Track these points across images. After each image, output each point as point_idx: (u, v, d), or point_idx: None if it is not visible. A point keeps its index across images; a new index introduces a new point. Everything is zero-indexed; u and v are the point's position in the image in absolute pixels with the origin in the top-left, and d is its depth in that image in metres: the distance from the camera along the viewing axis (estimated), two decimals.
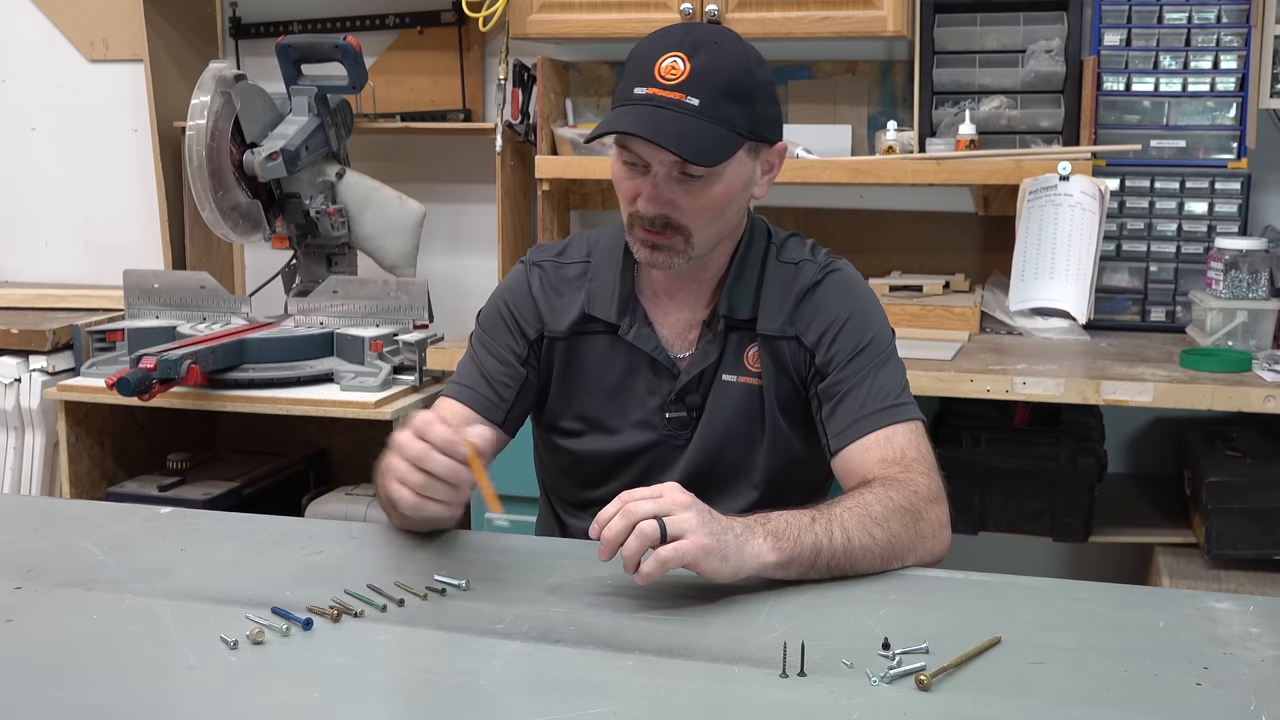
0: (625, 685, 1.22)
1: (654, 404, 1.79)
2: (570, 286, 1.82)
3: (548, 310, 1.82)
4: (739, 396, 1.77)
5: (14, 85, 4.00)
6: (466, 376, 1.83)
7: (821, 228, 3.34)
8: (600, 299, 1.79)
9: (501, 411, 1.81)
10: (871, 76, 3.34)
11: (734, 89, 1.61)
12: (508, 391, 1.81)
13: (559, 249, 1.87)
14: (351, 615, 1.39)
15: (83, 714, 1.17)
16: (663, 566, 1.36)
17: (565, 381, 1.83)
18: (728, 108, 1.60)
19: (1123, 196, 3.08)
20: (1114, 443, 3.05)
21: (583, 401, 1.82)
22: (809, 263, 1.79)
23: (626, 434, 1.81)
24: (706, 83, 1.59)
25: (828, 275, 1.78)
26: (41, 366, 3.25)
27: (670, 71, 1.59)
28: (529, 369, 1.82)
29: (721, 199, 1.65)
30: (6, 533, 1.68)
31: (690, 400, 1.78)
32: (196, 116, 3.13)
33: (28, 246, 4.06)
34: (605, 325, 1.79)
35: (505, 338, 1.82)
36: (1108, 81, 3.07)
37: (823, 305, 1.75)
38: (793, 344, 1.75)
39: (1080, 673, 1.25)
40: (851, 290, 1.78)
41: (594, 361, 1.81)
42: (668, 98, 1.58)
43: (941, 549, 1.58)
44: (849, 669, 1.25)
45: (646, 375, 1.79)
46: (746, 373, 1.77)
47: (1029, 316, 2.98)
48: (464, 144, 3.65)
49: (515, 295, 1.84)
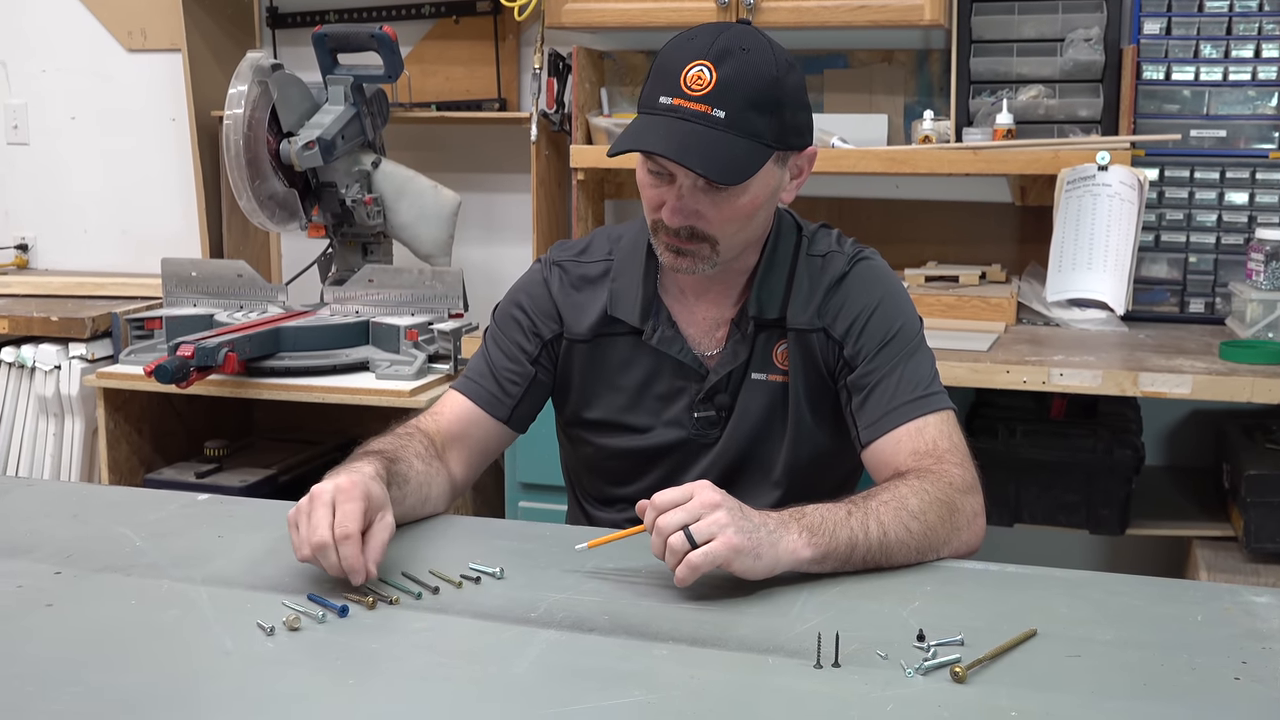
0: (658, 674, 1.22)
1: (682, 403, 1.78)
2: (591, 286, 1.81)
3: (568, 310, 1.81)
4: (766, 394, 1.76)
5: (54, 75, 4.03)
6: (476, 371, 1.83)
7: (856, 218, 3.33)
8: (623, 301, 1.78)
9: (506, 408, 1.81)
10: (908, 66, 3.32)
11: (761, 99, 1.58)
12: (514, 389, 1.81)
13: (580, 248, 1.85)
14: (387, 603, 1.39)
15: (120, 698, 1.18)
16: (694, 571, 1.36)
17: (588, 382, 1.82)
18: (755, 119, 1.57)
19: (1162, 187, 3.05)
20: (1152, 435, 3.02)
21: (607, 401, 1.82)
22: (836, 254, 1.77)
23: (654, 433, 1.80)
24: (733, 94, 1.56)
25: (855, 266, 1.76)
26: (81, 354, 3.28)
27: (696, 82, 1.56)
28: (539, 369, 1.81)
29: (748, 209, 1.64)
30: (46, 518, 1.70)
31: (719, 400, 1.77)
32: (234, 106, 3.15)
33: (67, 235, 4.10)
34: (629, 327, 1.78)
35: (516, 335, 1.82)
36: (1147, 70, 3.04)
37: (850, 296, 1.74)
38: (821, 336, 1.74)
39: (1116, 666, 1.25)
40: (878, 280, 1.77)
41: (618, 363, 1.80)
42: (693, 110, 1.56)
43: (976, 540, 1.57)
44: (884, 660, 1.25)
45: (673, 376, 1.78)
46: (775, 370, 1.76)
47: (1066, 307, 2.96)
48: (499, 133, 3.65)
49: (531, 294, 1.83)
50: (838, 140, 3.08)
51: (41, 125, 4.08)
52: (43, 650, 1.28)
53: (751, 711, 1.16)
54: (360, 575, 1.39)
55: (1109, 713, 1.15)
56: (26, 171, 4.11)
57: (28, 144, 4.10)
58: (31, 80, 4.06)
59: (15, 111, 4.08)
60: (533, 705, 1.17)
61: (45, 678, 1.22)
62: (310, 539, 1.40)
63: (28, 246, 4.11)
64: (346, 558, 1.39)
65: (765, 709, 1.16)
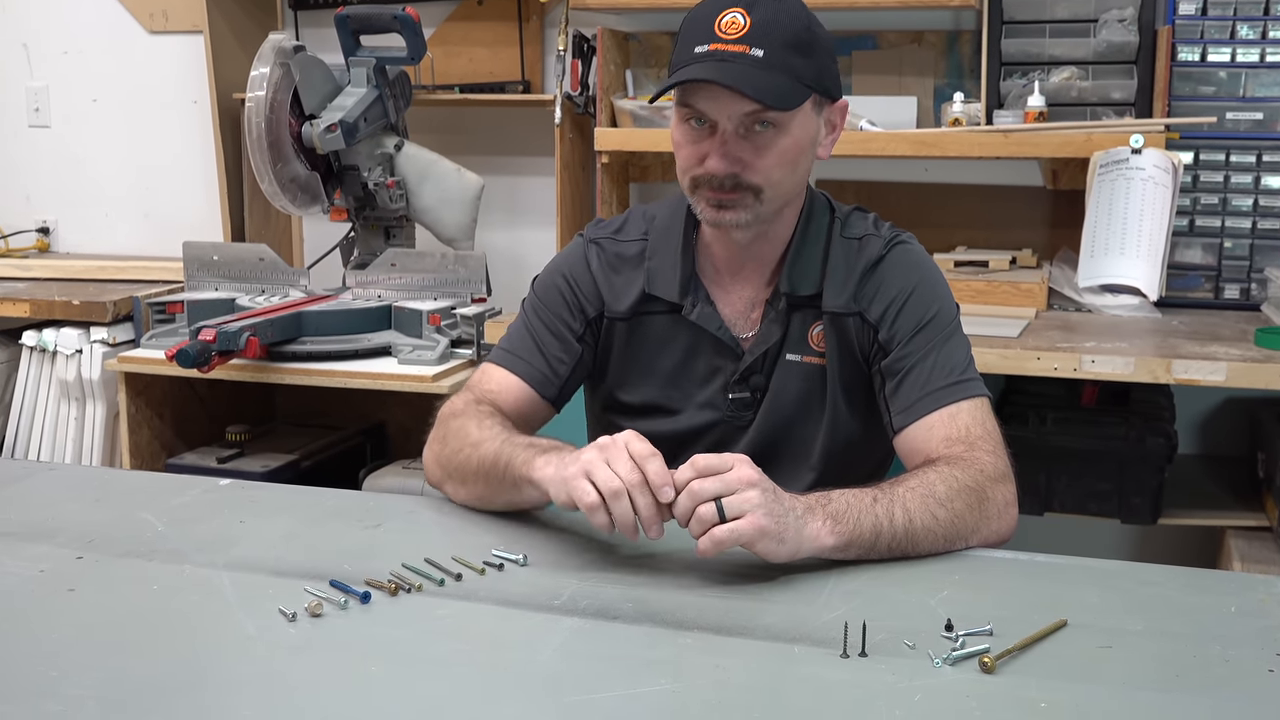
0: (684, 663, 1.22)
1: (717, 384, 1.78)
2: (628, 265, 1.81)
3: (607, 289, 1.81)
4: (802, 376, 1.76)
5: (75, 57, 4.05)
6: (520, 346, 1.82)
7: (885, 201, 3.31)
8: (661, 278, 1.78)
9: (555, 388, 1.80)
10: (938, 47, 3.30)
11: (797, 41, 1.59)
12: (562, 368, 1.80)
13: (616, 226, 1.85)
14: (409, 589, 1.40)
15: (142, 683, 1.19)
16: (718, 546, 1.36)
17: (626, 362, 1.82)
18: (792, 59, 1.58)
19: (1197, 170, 3.03)
20: (1185, 423, 3.00)
21: (643, 382, 1.82)
22: (873, 237, 1.77)
23: (688, 414, 1.80)
24: (769, 34, 1.57)
25: (891, 250, 1.76)
26: (102, 338, 3.30)
27: (731, 26, 1.57)
28: (585, 347, 1.81)
29: (791, 152, 1.63)
30: (68, 503, 1.71)
31: (754, 381, 1.77)
32: (256, 88, 3.15)
33: (88, 218, 4.12)
34: (667, 305, 1.78)
35: (563, 312, 1.81)
36: (1182, 52, 3.02)
37: (886, 280, 1.73)
38: (856, 320, 1.73)
39: (1148, 657, 1.24)
40: (915, 265, 1.76)
41: (655, 342, 1.80)
42: (731, 51, 1.56)
43: (1007, 529, 1.56)
44: (911, 650, 1.25)
45: (709, 355, 1.78)
46: (811, 352, 1.75)
47: (1098, 293, 2.95)
48: (523, 116, 3.65)
49: (575, 270, 1.83)
50: (866, 123, 3.06)
51: (63, 108, 4.10)
52: (64, 635, 1.29)
53: (777, 701, 1.16)
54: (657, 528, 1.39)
55: (1140, 704, 1.15)
56: (48, 154, 4.13)
57: (49, 127, 4.12)
58: (53, 62, 4.08)
59: (37, 94, 4.10)
60: (557, 694, 1.17)
61: (67, 663, 1.22)
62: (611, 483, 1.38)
63: (49, 230, 4.13)
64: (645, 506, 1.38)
65: (791, 698, 1.16)
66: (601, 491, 1.39)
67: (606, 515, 1.39)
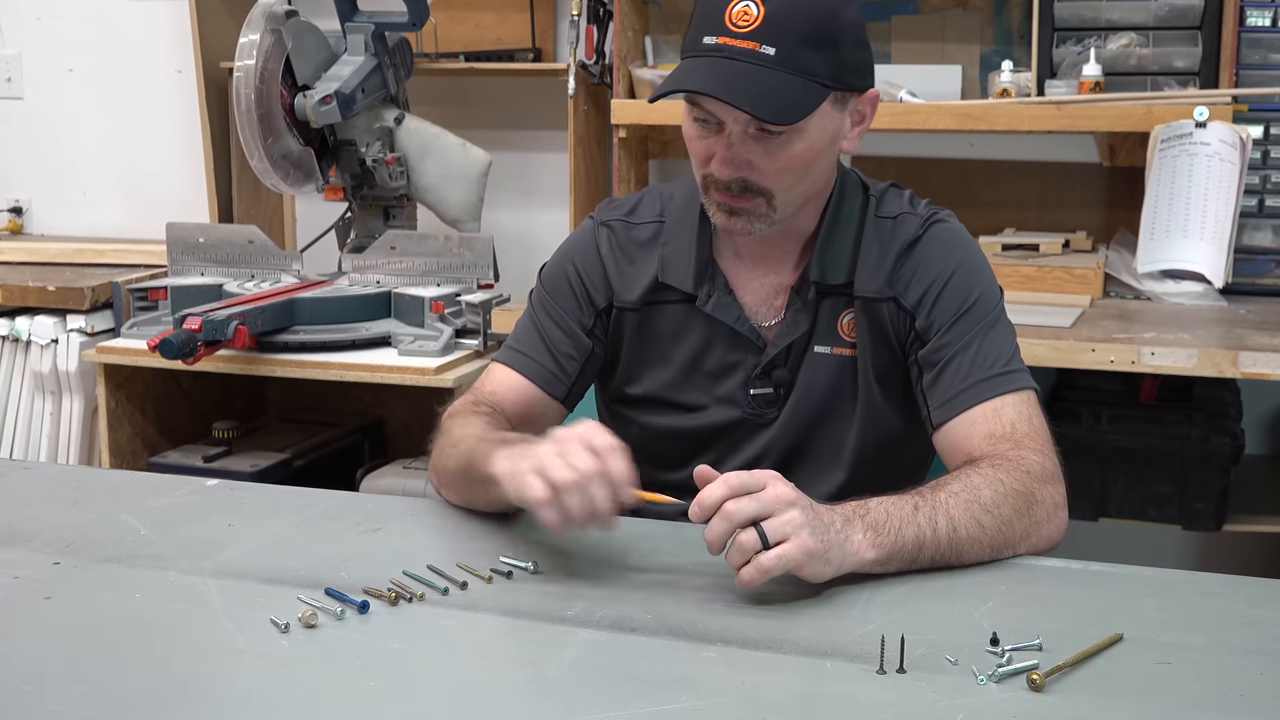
0: (707, 679, 1.23)
1: (737, 379, 1.78)
2: (642, 250, 1.81)
3: (617, 277, 1.81)
4: (832, 369, 1.75)
5: (50, 23, 4.06)
6: (527, 343, 1.83)
7: (927, 179, 3.31)
8: (675, 265, 1.78)
9: (564, 386, 1.81)
10: (985, 11, 3.29)
11: (815, 33, 1.57)
12: (572, 365, 1.81)
13: (629, 207, 1.85)
14: (410, 598, 1.40)
15: (124, 697, 1.20)
16: (764, 575, 1.35)
17: (636, 355, 1.82)
18: (808, 56, 1.57)
19: (1266, 145, 3.02)
20: (1252, 421, 3.00)
21: (656, 377, 1.82)
22: (909, 215, 1.76)
23: (706, 412, 1.80)
24: (783, 28, 1.55)
25: (929, 228, 1.75)
26: (79, 327, 3.31)
27: (742, 18, 1.56)
28: (595, 340, 1.82)
29: (805, 157, 1.63)
30: (44, 504, 1.72)
31: (778, 375, 1.76)
32: (244, 56, 3.16)
33: (64, 197, 4.13)
34: (681, 294, 1.78)
35: (571, 305, 1.82)
36: (1251, 16, 3.00)
37: (924, 262, 1.73)
38: (891, 306, 1.73)
39: (1211, 675, 1.24)
40: (955, 244, 1.75)
41: (669, 333, 1.80)
42: (740, 48, 1.56)
43: (1057, 535, 1.56)
44: (953, 666, 1.25)
45: (728, 348, 1.78)
46: (841, 343, 1.75)
47: (1159, 279, 2.94)
48: (533, 86, 3.65)
49: (583, 258, 1.83)
50: (906, 94, 3.06)
51: (36, 78, 4.11)
52: (41, 647, 1.30)
53: None
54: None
55: None
56: (20, 128, 4.14)
57: (21, 98, 4.13)
58: (25, 28, 4.09)
59: (8, 63, 4.11)
60: (569, 711, 1.18)
61: (43, 676, 1.23)
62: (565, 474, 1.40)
63: (22, 210, 4.15)
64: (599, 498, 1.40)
65: (823, 718, 1.17)
66: (554, 485, 1.39)
67: (556, 512, 1.40)
